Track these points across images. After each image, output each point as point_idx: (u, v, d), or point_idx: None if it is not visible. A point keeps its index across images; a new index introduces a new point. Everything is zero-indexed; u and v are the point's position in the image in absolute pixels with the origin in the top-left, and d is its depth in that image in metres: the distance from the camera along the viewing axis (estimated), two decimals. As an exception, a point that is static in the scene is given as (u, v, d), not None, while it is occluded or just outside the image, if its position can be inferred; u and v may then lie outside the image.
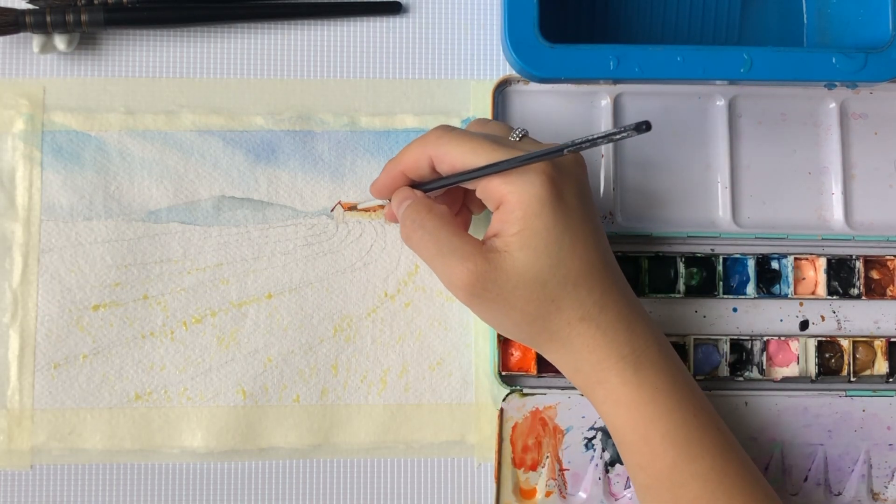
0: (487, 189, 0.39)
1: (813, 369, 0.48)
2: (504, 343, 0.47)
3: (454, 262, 0.39)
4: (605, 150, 0.48)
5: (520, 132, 0.41)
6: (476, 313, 0.41)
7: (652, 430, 0.39)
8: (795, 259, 0.48)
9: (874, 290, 0.48)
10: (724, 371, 0.48)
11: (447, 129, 0.40)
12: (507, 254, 0.38)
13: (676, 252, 0.48)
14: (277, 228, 0.48)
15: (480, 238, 0.40)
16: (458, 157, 0.39)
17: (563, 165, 0.39)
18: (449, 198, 0.43)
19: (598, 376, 0.40)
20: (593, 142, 0.34)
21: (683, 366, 0.42)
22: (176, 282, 0.47)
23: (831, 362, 0.48)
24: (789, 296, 0.48)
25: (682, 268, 0.48)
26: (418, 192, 0.42)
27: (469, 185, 0.40)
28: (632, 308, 0.40)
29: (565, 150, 0.36)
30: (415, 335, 0.48)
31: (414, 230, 0.40)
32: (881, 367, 0.48)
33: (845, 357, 0.48)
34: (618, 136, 0.33)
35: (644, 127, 0.31)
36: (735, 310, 0.48)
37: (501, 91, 0.48)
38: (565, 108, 0.49)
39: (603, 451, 0.47)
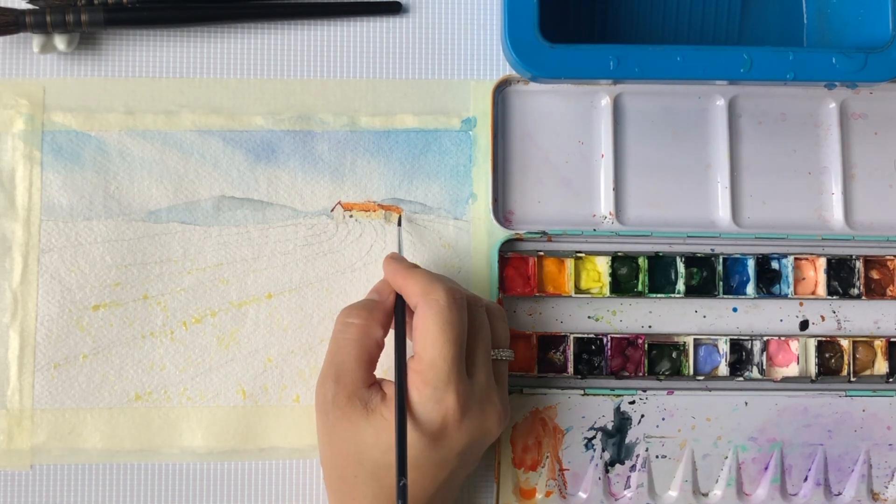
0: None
1: (813, 369, 0.48)
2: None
3: (326, 381, 0.41)
4: (605, 149, 0.48)
5: None
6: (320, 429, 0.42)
7: None
8: (795, 259, 0.48)
9: (874, 290, 0.48)
10: (724, 371, 0.48)
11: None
12: (379, 414, 0.40)
13: (676, 252, 0.48)
14: (277, 228, 0.48)
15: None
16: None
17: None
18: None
19: None
20: None
21: None
22: (176, 282, 0.47)
23: (831, 362, 0.48)
24: (789, 296, 0.48)
25: (682, 268, 0.48)
26: (389, 300, 0.42)
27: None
28: None
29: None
30: (415, 335, 0.47)
31: (341, 322, 0.41)
32: (881, 367, 0.48)
33: (845, 357, 0.48)
34: None
35: None
36: (735, 310, 0.48)
37: (501, 91, 0.48)
38: (565, 108, 0.49)
39: (603, 451, 0.47)
